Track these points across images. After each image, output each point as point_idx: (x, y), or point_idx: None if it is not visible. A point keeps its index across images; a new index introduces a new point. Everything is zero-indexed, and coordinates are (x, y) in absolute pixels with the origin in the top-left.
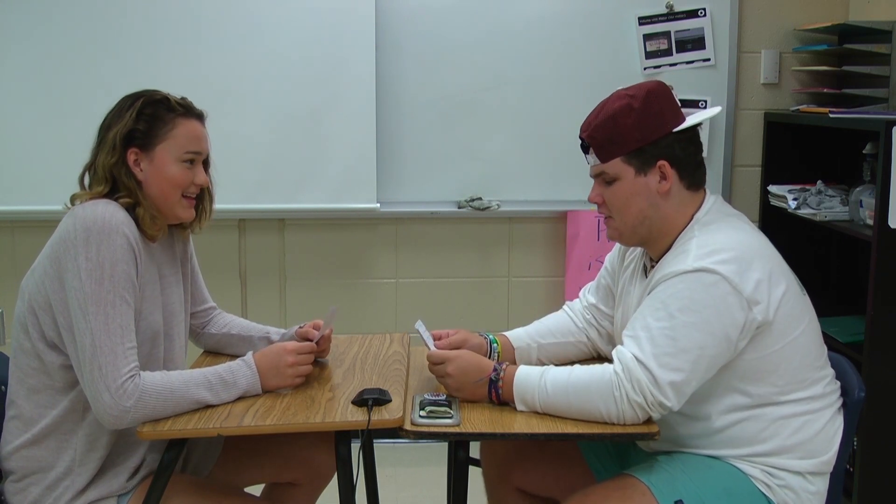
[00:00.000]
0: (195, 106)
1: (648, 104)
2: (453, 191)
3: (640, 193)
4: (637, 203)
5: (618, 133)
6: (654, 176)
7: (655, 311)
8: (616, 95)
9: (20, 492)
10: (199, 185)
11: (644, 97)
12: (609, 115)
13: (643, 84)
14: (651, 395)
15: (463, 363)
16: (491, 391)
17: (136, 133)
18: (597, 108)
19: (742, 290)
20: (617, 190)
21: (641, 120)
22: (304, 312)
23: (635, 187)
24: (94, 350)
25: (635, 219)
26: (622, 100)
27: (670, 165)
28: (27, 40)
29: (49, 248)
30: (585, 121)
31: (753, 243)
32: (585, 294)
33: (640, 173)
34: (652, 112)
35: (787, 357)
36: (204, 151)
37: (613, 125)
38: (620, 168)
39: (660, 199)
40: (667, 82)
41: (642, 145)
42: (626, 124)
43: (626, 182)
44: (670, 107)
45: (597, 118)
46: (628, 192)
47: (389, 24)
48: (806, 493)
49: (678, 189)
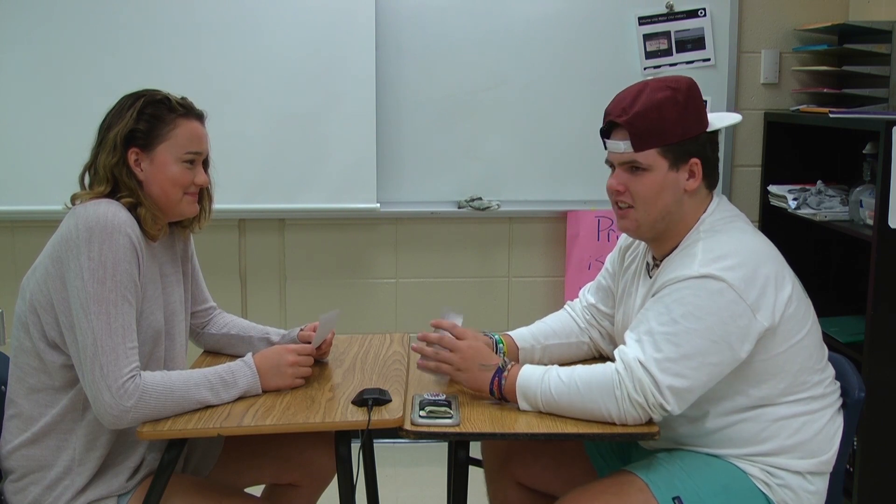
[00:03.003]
0: (195, 106)
1: (691, 99)
2: (453, 191)
3: (669, 188)
4: (664, 198)
5: (661, 124)
6: (685, 173)
7: (659, 315)
8: (655, 85)
9: (20, 491)
10: (200, 184)
11: (686, 92)
12: (654, 105)
13: (679, 78)
14: (652, 396)
15: (478, 344)
16: (494, 380)
17: (136, 133)
18: (629, 93)
19: (747, 297)
20: (646, 181)
21: (684, 114)
22: (303, 312)
23: (666, 181)
24: (96, 350)
25: (659, 213)
26: (665, 91)
27: (701, 164)
28: (27, 41)
29: (51, 248)
30: (618, 105)
31: (759, 247)
32: (585, 294)
33: (672, 168)
34: (694, 108)
35: (789, 360)
36: (204, 151)
37: (658, 115)
38: (655, 160)
39: (684, 197)
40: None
41: (682, 139)
42: (671, 117)
43: (657, 174)
44: (703, 105)
45: (637, 105)
46: (659, 185)
47: (389, 24)
48: (805, 493)
49: (701, 188)
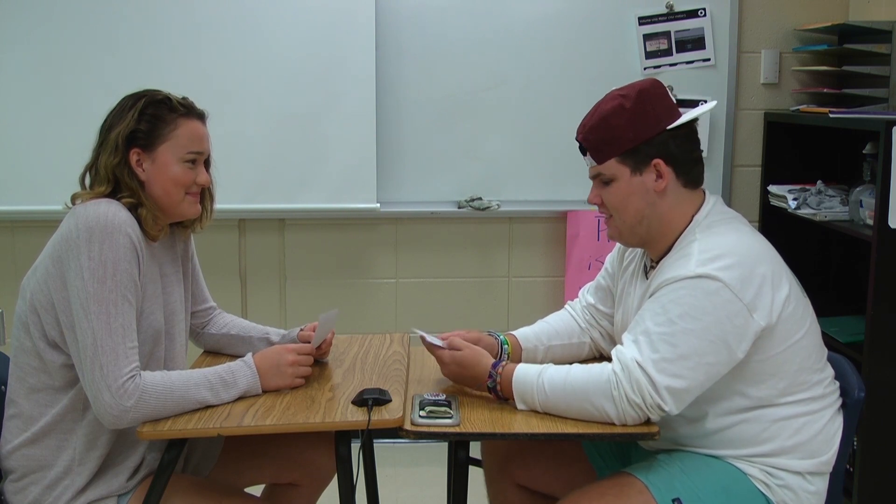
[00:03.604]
0: (196, 106)
1: (640, 103)
2: (453, 191)
3: (637, 193)
4: (634, 202)
5: (610, 134)
6: (650, 175)
7: (656, 315)
8: (609, 96)
9: (20, 491)
10: (201, 184)
11: (636, 96)
12: (601, 117)
13: (636, 83)
14: (650, 396)
15: (465, 359)
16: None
17: (138, 133)
18: (591, 110)
19: (743, 297)
20: (614, 190)
21: (633, 119)
22: (303, 312)
23: (631, 187)
24: (96, 349)
25: (633, 218)
26: (614, 100)
27: (665, 163)
28: (27, 40)
29: (51, 248)
30: (581, 123)
31: (755, 247)
32: (585, 294)
33: (635, 172)
34: (644, 111)
35: (788, 360)
36: (206, 151)
37: (606, 126)
38: (616, 168)
39: (657, 198)
40: (666, 82)
41: (636, 145)
42: (619, 125)
43: (622, 182)
44: (664, 104)
45: (591, 120)
46: (625, 192)
47: (389, 24)
48: (805, 493)
49: (675, 187)
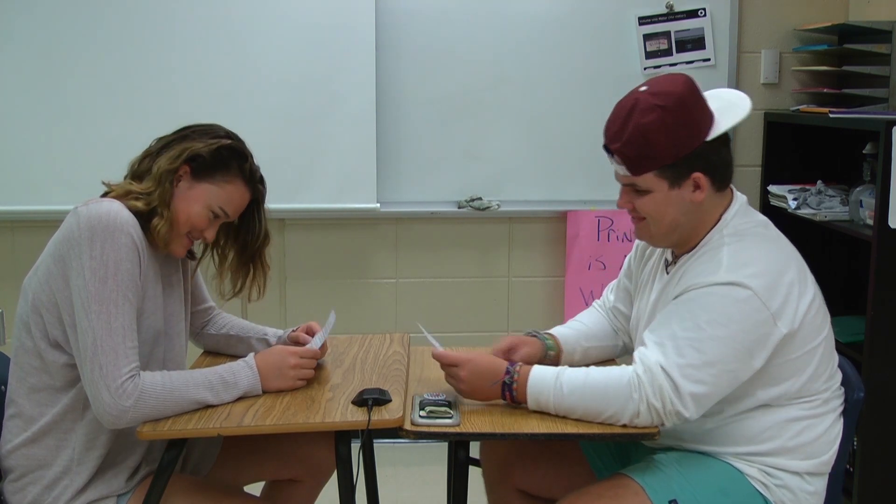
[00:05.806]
0: (262, 185)
1: (681, 116)
2: (453, 191)
3: (674, 204)
4: (671, 213)
5: (649, 150)
6: (688, 187)
7: (683, 320)
8: (644, 105)
9: (19, 491)
10: (205, 238)
11: (676, 108)
12: (640, 132)
13: (671, 88)
14: (671, 402)
15: (476, 367)
16: (505, 393)
17: (200, 159)
18: (620, 113)
19: (770, 305)
20: (649, 200)
21: (676, 135)
22: (304, 312)
23: (669, 199)
24: (96, 349)
25: (668, 227)
26: (653, 112)
27: (704, 175)
28: (27, 40)
29: (53, 247)
30: (610, 127)
31: (783, 252)
32: (608, 294)
33: (674, 186)
34: (684, 123)
35: (803, 365)
36: (232, 217)
37: (645, 142)
38: (653, 182)
39: (694, 207)
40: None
41: (676, 160)
42: (658, 141)
43: (658, 194)
44: (701, 113)
45: (625, 131)
46: (662, 203)
47: (389, 24)
48: (803, 493)
49: (710, 194)
